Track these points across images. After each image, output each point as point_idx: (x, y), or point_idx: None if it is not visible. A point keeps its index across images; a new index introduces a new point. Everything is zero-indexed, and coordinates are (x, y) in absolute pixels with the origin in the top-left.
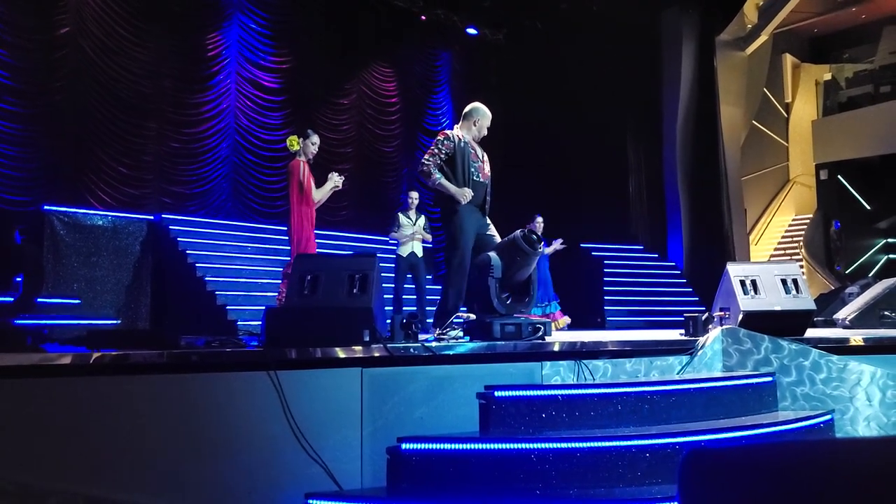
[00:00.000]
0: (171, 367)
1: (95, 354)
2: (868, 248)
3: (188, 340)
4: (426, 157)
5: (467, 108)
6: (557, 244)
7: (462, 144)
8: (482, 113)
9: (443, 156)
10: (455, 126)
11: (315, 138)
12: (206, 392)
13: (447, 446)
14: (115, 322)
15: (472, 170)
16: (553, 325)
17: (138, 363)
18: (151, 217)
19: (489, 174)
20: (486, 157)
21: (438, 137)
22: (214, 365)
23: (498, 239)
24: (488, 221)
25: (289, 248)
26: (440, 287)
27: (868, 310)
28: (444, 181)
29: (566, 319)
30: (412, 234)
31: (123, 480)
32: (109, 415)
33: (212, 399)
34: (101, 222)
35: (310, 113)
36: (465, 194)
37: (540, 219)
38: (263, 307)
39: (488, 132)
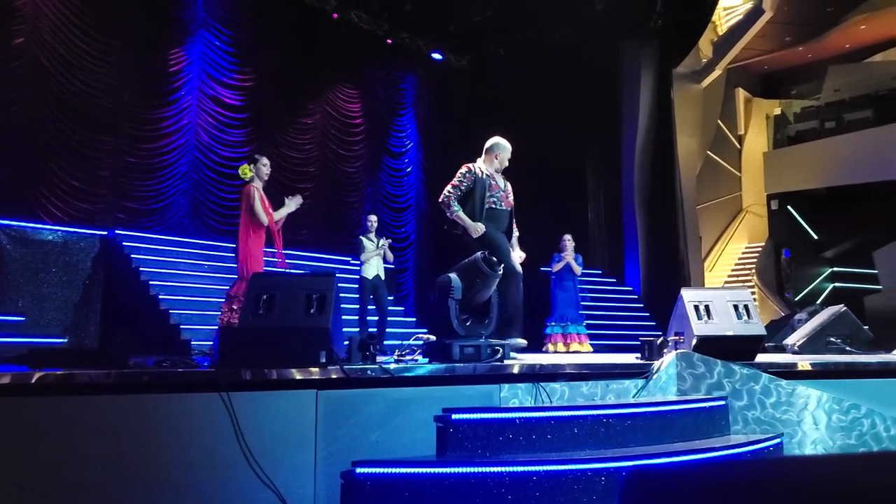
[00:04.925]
0: (119, 387)
1: (38, 374)
2: (816, 276)
3: (137, 360)
4: (448, 188)
5: (488, 143)
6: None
7: (483, 177)
8: (502, 147)
9: (463, 188)
10: (478, 160)
11: (265, 160)
12: (154, 414)
13: (403, 470)
14: (61, 341)
15: (495, 199)
16: (574, 345)
17: (83, 383)
18: (104, 233)
19: (512, 203)
20: (509, 188)
21: (462, 171)
22: (164, 386)
23: (517, 264)
24: (513, 243)
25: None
26: (401, 308)
27: (815, 336)
28: (460, 213)
29: (588, 346)
30: (377, 250)
31: None
32: (51, 437)
33: (161, 421)
34: (50, 237)
35: (272, 131)
36: (478, 229)
37: (568, 236)
38: (217, 327)
39: (459, 157)
